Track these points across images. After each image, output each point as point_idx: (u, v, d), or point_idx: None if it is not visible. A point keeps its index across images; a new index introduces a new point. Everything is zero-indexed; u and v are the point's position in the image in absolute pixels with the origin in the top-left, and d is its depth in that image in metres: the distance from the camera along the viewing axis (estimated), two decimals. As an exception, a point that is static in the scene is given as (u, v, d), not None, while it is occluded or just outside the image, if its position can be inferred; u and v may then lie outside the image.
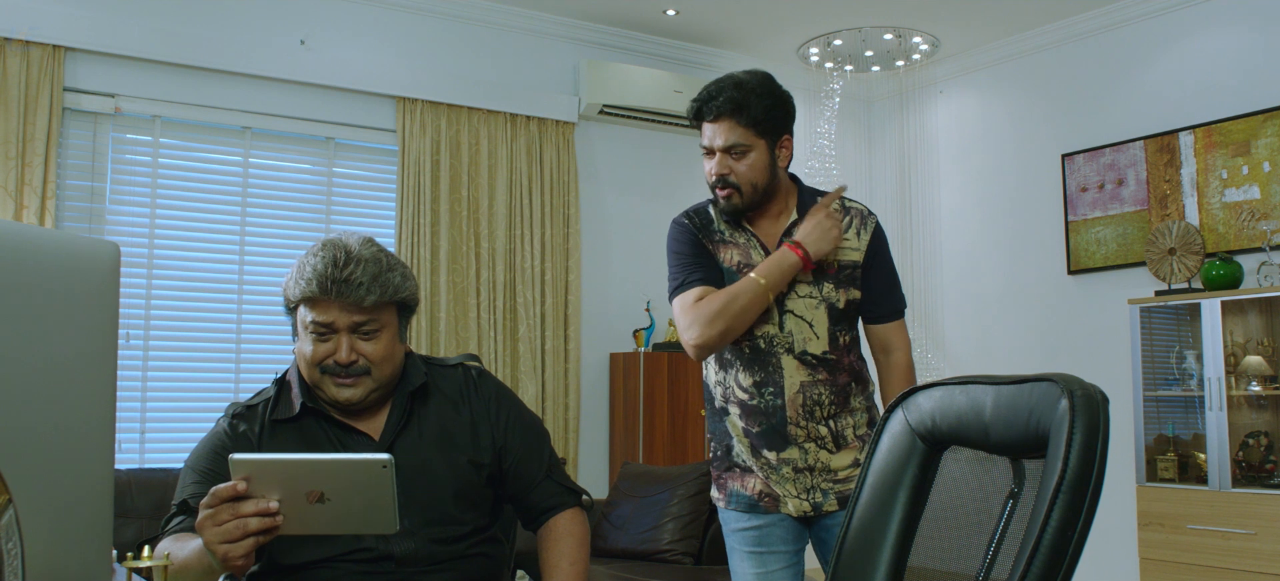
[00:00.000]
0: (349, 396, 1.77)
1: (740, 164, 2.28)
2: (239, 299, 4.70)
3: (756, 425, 2.32)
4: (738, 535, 2.37)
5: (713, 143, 2.30)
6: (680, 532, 4.41)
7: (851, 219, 2.37)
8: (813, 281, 2.31)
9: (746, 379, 2.32)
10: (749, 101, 2.26)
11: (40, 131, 4.16)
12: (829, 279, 2.32)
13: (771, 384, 2.30)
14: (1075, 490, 1.07)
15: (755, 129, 2.27)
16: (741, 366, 2.34)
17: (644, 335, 5.48)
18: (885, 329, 2.39)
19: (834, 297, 2.32)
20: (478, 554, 1.83)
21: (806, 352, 2.30)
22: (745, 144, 2.27)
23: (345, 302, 1.73)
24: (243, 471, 1.42)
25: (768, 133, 2.29)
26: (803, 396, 2.29)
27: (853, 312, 2.37)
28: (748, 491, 2.35)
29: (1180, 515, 4.52)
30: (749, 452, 2.34)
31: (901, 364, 2.39)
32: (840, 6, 5.32)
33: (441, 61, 5.20)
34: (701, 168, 2.42)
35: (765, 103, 2.27)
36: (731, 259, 2.35)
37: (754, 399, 2.32)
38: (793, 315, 2.31)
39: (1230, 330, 4.53)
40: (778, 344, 2.30)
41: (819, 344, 2.30)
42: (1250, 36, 4.83)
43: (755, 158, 2.29)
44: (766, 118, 2.27)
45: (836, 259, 2.33)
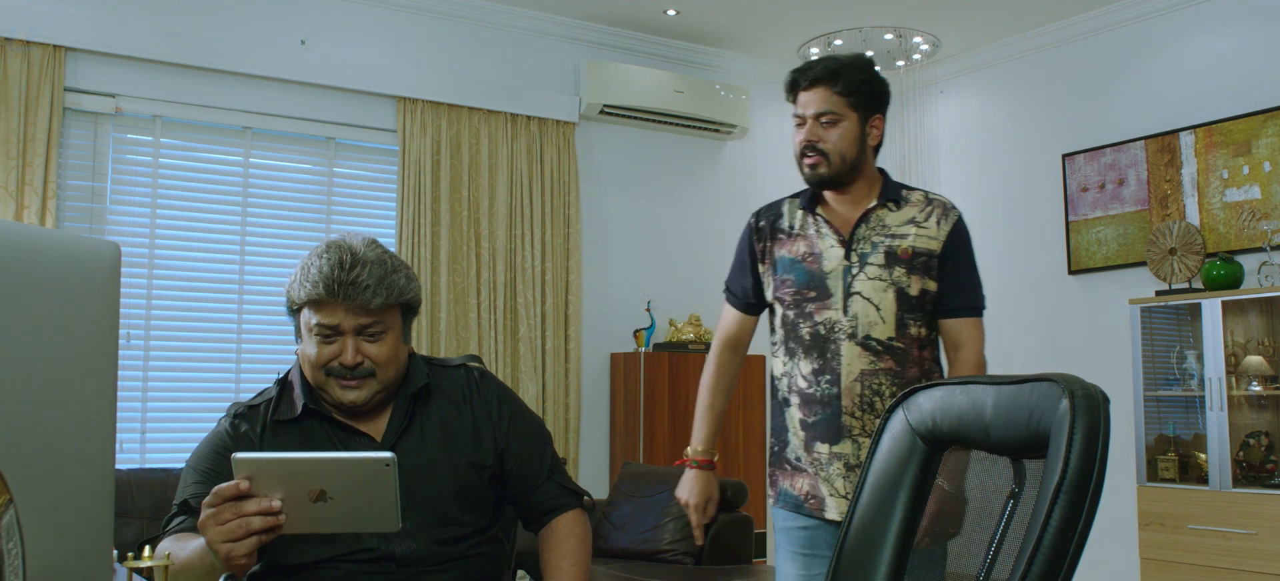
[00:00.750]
0: (353, 398, 1.77)
1: (831, 132, 2.32)
2: (239, 299, 4.70)
3: (813, 415, 2.31)
4: (786, 534, 2.36)
5: (806, 110, 2.34)
6: (681, 533, 4.41)
7: (933, 208, 2.36)
8: (884, 263, 2.30)
9: (806, 366, 2.33)
10: (845, 71, 2.32)
11: (41, 131, 4.17)
12: (901, 263, 2.30)
13: (829, 371, 2.29)
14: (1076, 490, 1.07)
15: (848, 99, 2.32)
16: (802, 353, 2.34)
17: (644, 335, 5.48)
18: (956, 324, 2.34)
19: (905, 283, 2.29)
20: (479, 554, 1.83)
21: (871, 338, 2.28)
22: (837, 112, 2.32)
23: (351, 305, 1.73)
24: (245, 470, 1.42)
25: (860, 106, 2.33)
26: (861, 385, 2.27)
27: (927, 304, 2.33)
28: (795, 491, 2.34)
29: (1181, 515, 4.52)
30: (803, 447, 2.33)
31: (968, 361, 2.33)
32: (840, 6, 5.32)
33: (442, 61, 5.20)
34: (702, 168, 2.45)
35: (861, 76, 2.33)
36: (796, 250, 2.38)
37: (812, 387, 2.31)
38: (860, 297, 2.30)
39: (1231, 330, 4.52)
40: (839, 330, 2.29)
41: (885, 328, 2.28)
42: (1250, 36, 4.83)
43: (846, 128, 2.33)
44: (860, 89, 2.32)
45: (912, 245, 2.31)
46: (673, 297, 5.74)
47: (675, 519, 4.44)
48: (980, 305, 2.38)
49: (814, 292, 2.33)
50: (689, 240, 5.88)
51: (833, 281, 2.32)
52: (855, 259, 2.32)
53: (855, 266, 2.31)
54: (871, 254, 2.31)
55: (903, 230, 2.33)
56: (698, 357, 5.48)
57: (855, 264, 2.31)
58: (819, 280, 2.33)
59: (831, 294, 2.31)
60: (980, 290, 2.39)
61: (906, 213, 2.36)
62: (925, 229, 2.33)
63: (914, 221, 2.34)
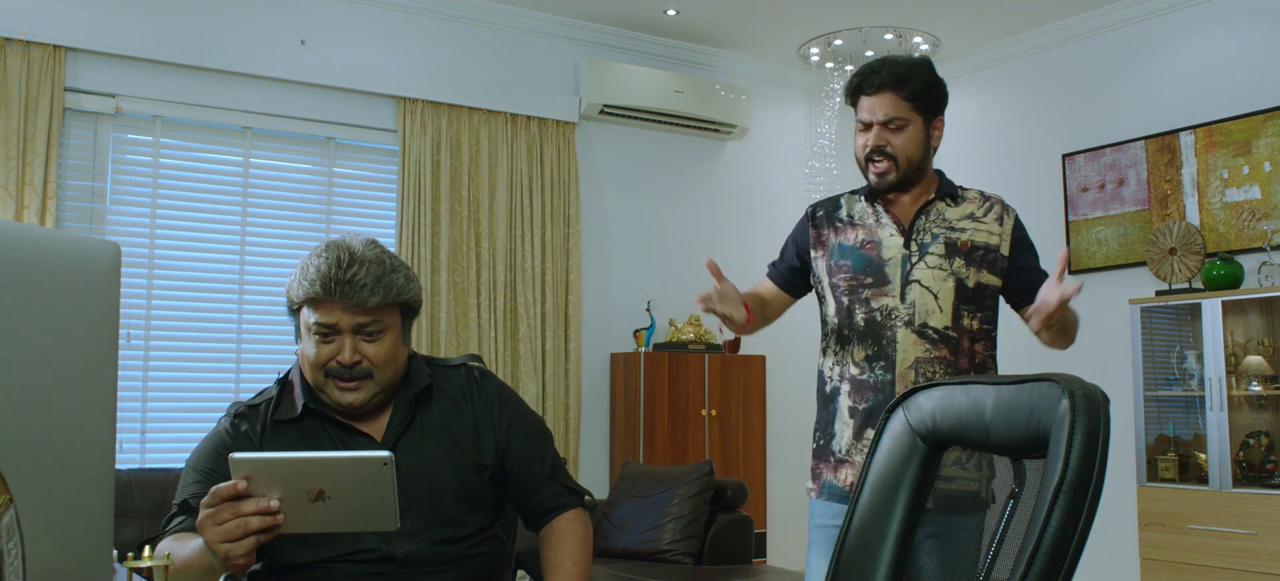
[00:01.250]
0: (351, 400, 1.77)
1: (898, 137, 2.34)
2: (240, 299, 4.70)
3: (864, 401, 2.31)
4: (823, 531, 2.36)
5: (872, 116, 2.36)
6: (681, 533, 4.41)
7: (991, 205, 2.40)
8: (944, 254, 2.32)
9: (860, 352, 2.33)
10: (911, 77, 2.34)
11: (41, 131, 4.17)
12: (961, 255, 2.32)
13: (883, 358, 2.30)
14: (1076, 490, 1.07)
15: (914, 104, 2.34)
16: (856, 340, 2.34)
17: (644, 335, 5.48)
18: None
19: (964, 274, 2.32)
20: (479, 553, 1.83)
21: (928, 326, 2.30)
22: (904, 117, 2.34)
23: (349, 303, 1.73)
24: (243, 470, 1.42)
25: (925, 110, 2.36)
26: (915, 373, 2.28)
27: (984, 297, 2.35)
28: (840, 482, 2.33)
29: (1181, 515, 4.51)
30: (852, 436, 2.32)
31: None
32: (840, 6, 5.32)
33: (442, 61, 5.20)
34: (702, 167, 2.47)
35: (926, 80, 2.36)
36: (855, 238, 2.39)
37: (864, 373, 2.32)
38: (918, 285, 2.31)
39: (1231, 330, 4.52)
40: (896, 317, 2.30)
41: (942, 317, 2.30)
42: (1250, 36, 4.83)
43: (912, 132, 2.35)
44: (926, 94, 2.35)
45: (970, 239, 2.33)
46: (673, 297, 5.74)
47: (675, 519, 4.44)
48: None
49: (871, 279, 2.34)
50: (689, 240, 5.88)
51: (891, 268, 2.33)
52: (915, 248, 2.34)
53: (914, 255, 2.33)
54: (932, 244, 2.33)
55: (962, 224, 2.36)
56: (697, 357, 5.48)
57: (914, 253, 2.33)
58: (877, 267, 2.35)
59: (889, 280, 2.33)
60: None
61: (965, 208, 2.39)
62: (985, 224, 2.36)
63: (973, 217, 2.38)
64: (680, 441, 5.37)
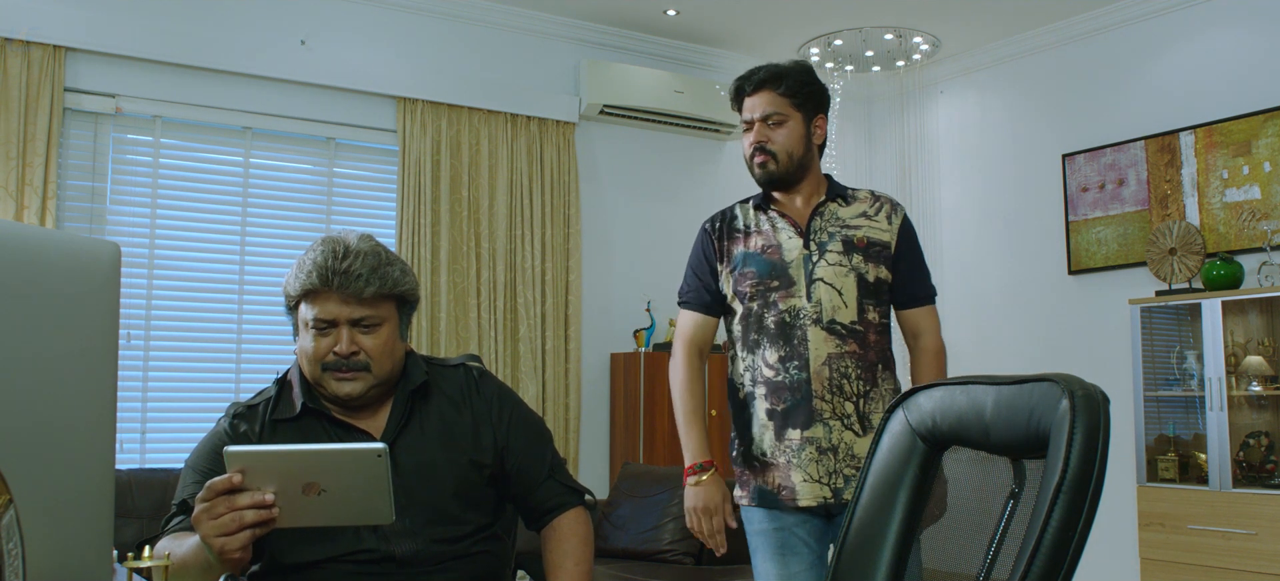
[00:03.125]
0: (349, 391, 1.77)
1: (777, 133, 2.44)
2: (240, 299, 4.70)
3: (781, 403, 2.36)
4: (761, 536, 2.39)
5: (753, 114, 2.47)
6: (681, 532, 4.41)
7: (881, 204, 2.49)
8: (843, 251, 2.39)
9: (772, 355, 2.38)
10: (786, 75, 2.45)
11: (41, 131, 4.17)
12: (858, 251, 2.40)
13: (796, 357, 2.35)
14: (1076, 490, 1.07)
15: (791, 100, 2.44)
16: (767, 343, 2.39)
17: (644, 335, 5.48)
18: (915, 313, 2.48)
19: (863, 269, 2.40)
20: (479, 552, 1.83)
21: (836, 322, 2.36)
22: (782, 113, 2.44)
23: (345, 295, 1.74)
24: (238, 464, 1.42)
25: (804, 107, 2.45)
26: (829, 369, 2.34)
27: (882, 291, 2.43)
28: (769, 486, 2.37)
29: (1181, 515, 4.51)
30: (773, 437, 2.36)
31: (930, 347, 2.46)
32: (840, 6, 5.32)
33: (442, 61, 5.20)
34: (702, 168, 2.52)
35: (801, 78, 2.46)
36: (756, 244, 2.46)
37: (779, 374, 2.37)
38: (822, 282, 2.38)
39: (1231, 330, 4.52)
40: (804, 316, 2.36)
41: (848, 312, 2.37)
42: (1250, 36, 4.83)
43: (792, 128, 2.44)
44: (801, 91, 2.45)
45: (866, 235, 2.42)
46: (673, 298, 5.67)
47: (675, 519, 4.44)
48: (933, 293, 2.52)
49: (777, 282, 2.41)
50: (689, 240, 5.83)
51: (795, 270, 2.40)
52: (814, 248, 2.41)
53: (815, 254, 2.40)
54: (830, 242, 2.41)
55: (856, 222, 2.45)
56: (698, 358, 5.47)
57: (815, 252, 2.41)
58: (781, 269, 2.41)
59: (794, 281, 2.39)
60: (930, 280, 2.53)
61: (856, 207, 2.48)
62: (877, 222, 2.45)
63: (865, 214, 2.47)
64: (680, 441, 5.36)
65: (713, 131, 5.91)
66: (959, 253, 6.05)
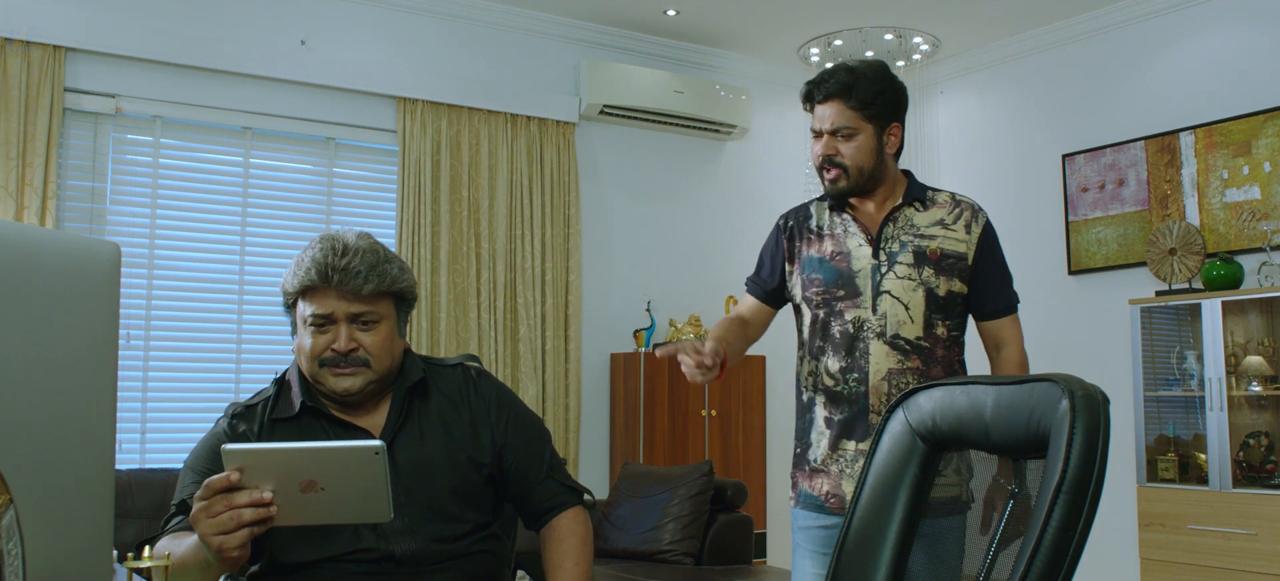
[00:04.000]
0: (347, 386, 1.77)
1: (847, 146, 2.33)
2: (239, 299, 4.70)
3: (840, 412, 2.33)
4: (805, 532, 2.37)
5: (821, 125, 2.36)
6: (681, 533, 4.41)
7: (961, 211, 2.38)
8: (913, 263, 2.31)
9: (834, 364, 2.34)
10: (858, 84, 2.32)
11: (41, 132, 4.17)
12: (930, 263, 2.32)
13: (856, 369, 2.31)
14: (1076, 490, 1.07)
15: (863, 112, 2.32)
16: (831, 351, 2.35)
17: (644, 335, 5.48)
18: (997, 324, 2.39)
19: (934, 284, 2.31)
20: (479, 552, 1.83)
21: (899, 337, 2.30)
22: (852, 126, 2.33)
23: (343, 291, 1.75)
24: (235, 462, 1.42)
25: (876, 117, 2.34)
26: (888, 384, 2.28)
27: (954, 305, 2.34)
28: (816, 492, 2.35)
29: (1181, 515, 4.51)
30: (829, 446, 2.33)
31: (1013, 358, 2.37)
32: (840, 6, 5.32)
33: (442, 61, 5.20)
34: (702, 168, 2.48)
35: (876, 87, 2.33)
36: (824, 250, 2.39)
37: (839, 385, 2.33)
38: (889, 296, 2.31)
39: (1231, 330, 4.52)
40: (867, 329, 2.31)
41: (913, 328, 2.30)
42: (1250, 36, 4.83)
43: (862, 141, 2.33)
44: (875, 101, 2.33)
45: (940, 246, 2.33)
46: (673, 298, 5.74)
47: (675, 519, 4.44)
48: (1016, 302, 2.42)
49: (842, 291, 2.34)
50: (689, 240, 5.88)
51: (862, 280, 2.33)
52: (883, 258, 2.33)
53: (883, 265, 2.33)
54: (900, 253, 2.33)
55: (931, 231, 2.35)
56: (698, 358, 5.47)
57: (884, 263, 2.33)
58: (848, 278, 2.34)
59: (861, 292, 2.32)
60: (1013, 288, 2.43)
61: (934, 213, 2.37)
62: (954, 232, 2.35)
63: (942, 223, 2.36)
64: (680, 441, 5.37)
65: (713, 131, 5.91)
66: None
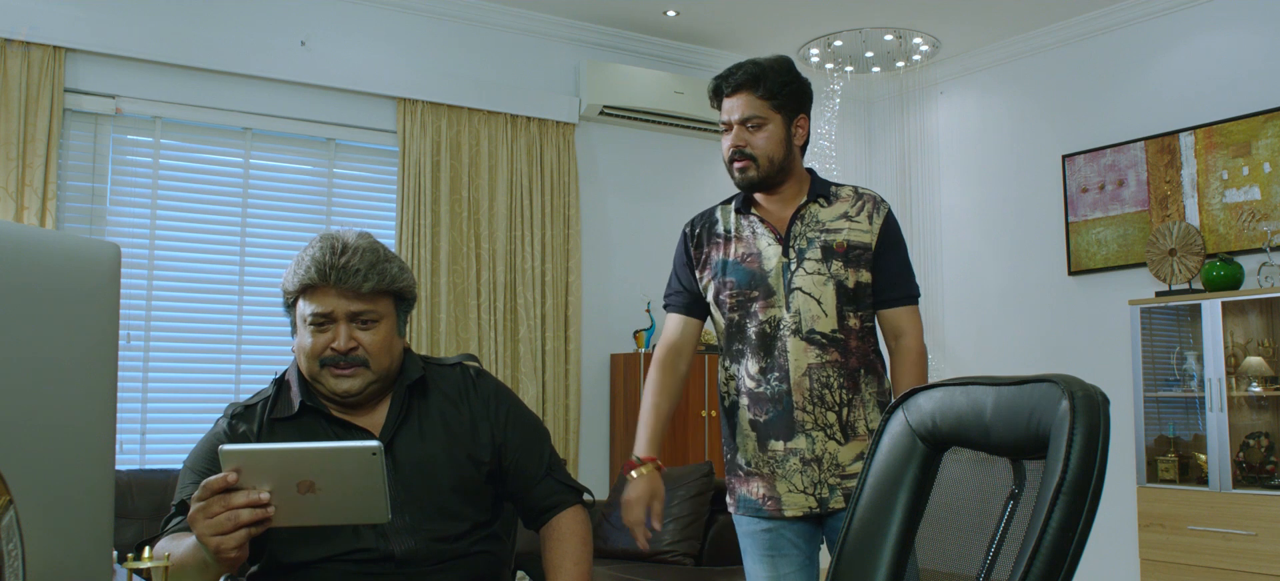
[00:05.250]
0: (347, 387, 1.77)
1: (757, 136, 2.36)
2: (240, 300, 4.70)
3: (764, 413, 2.33)
4: (750, 537, 2.38)
5: (730, 116, 2.39)
6: (681, 533, 4.41)
7: (863, 202, 2.41)
8: (821, 258, 2.33)
9: (754, 365, 2.35)
10: (766, 76, 2.36)
11: (41, 132, 4.17)
12: (837, 257, 2.34)
13: (776, 368, 2.32)
14: (1076, 491, 1.07)
15: (771, 102, 2.36)
16: (749, 353, 2.36)
17: (644, 336, 5.48)
18: (896, 313, 2.40)
19: (843, 276, 2.33)
20: (478, 552, 1.83)
21: (815, 331, 2.31)
22: (761, 116, 2.36)
23: (343, 290, 1.75)
24: (233, 462, 1.42)
25: (783, 108, 2.37)
26: (810, 380, 2.30)
27: (863, 295, 2.37)
28: (752, 496, 2.36)
29: (1181, 516, 4.51)
30: (757, 447, 2.34)
31: (911, 348, 2.39)
32: (840, 7, 5.32)
33: (442, 62, 5.20)
34: (702, 168, 2.48)
35: (782, 78, 2.37)
36: (735, 252, 2.40)
37: (761, 385, 2.33)
38: (800, 292, 2.33)
39: (1231, 331, 4.52)
40: (783, 327, 2.32)
41: (827, 322, 2.32)
42: (1250, 36, 4.83)
43: (771, 130, 2.36)
44: (782, 92, 2.36)
45: (846, 239, 2.35)
46: (673, 298, 5.73)
47: (675, 519, 4.44)
48: (916, 293, 2.45)
49: (756, 292, 2.36)
50: (689, 241, 5.88)
51: (774, 279, 2.35)
52: (793, 255, 2.36)
53: (794, 262, 2.35)
54: (808, 250, 2.35)
55: (836, 225, 2.38)
56: (697, 358, 5.47)
57: (794, 260, 2.35)
58: (760, 279, 2.36)
59: (774, 291, 2.34)
60: (914, 279, 2.45)
61: (838, 208, 2.40)
62: (857, 223, 2.38)
63: (846, 216, 2.39)
64: (680, 442, 5.37)
65: (713, 132, 5.90)
66: (959, 253, 6.04)
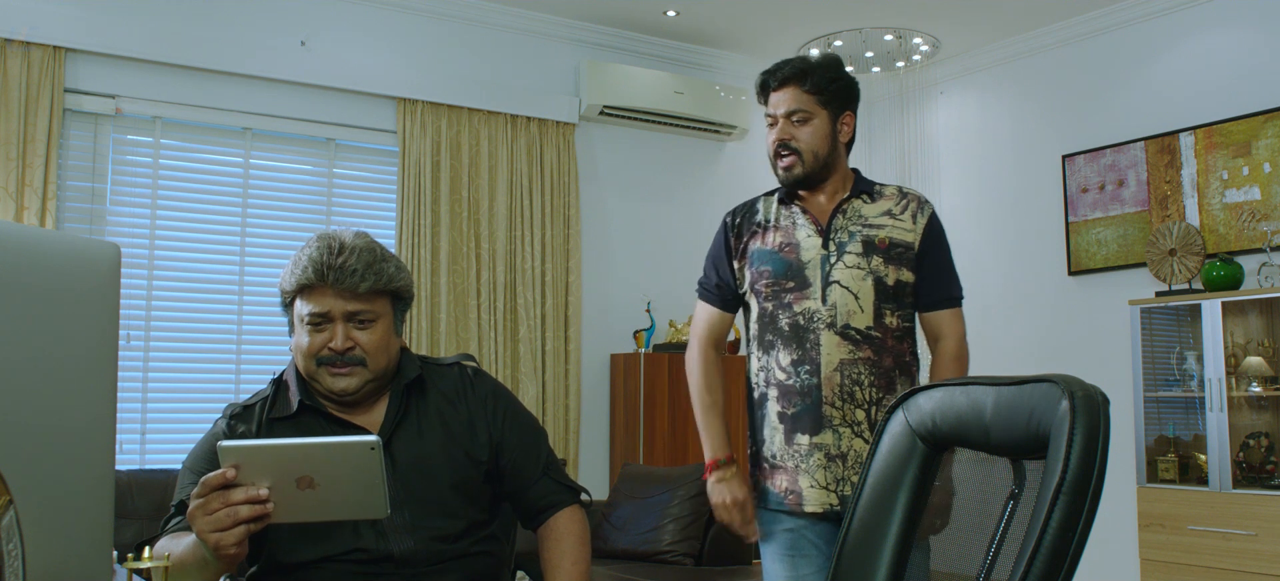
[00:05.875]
0: (344, 386, 1.77)
1: (802, 131, 2.35)
2: (239, 300, 4.70)
3: (792, 407, 2.31)
4: (770, 535, 2.36)
5: (777, 110, 2.38)
6: (681, 533, 4.41)
7: (908, 202, 2.40)
8: (862, 252, 2.32)
9: (785, 357, 2.33)
10: (813, 71, 2.36)
11: (41, 132, 4.17)
12: (879, 252, 2.33)
13: (808, 362, 2.29)
14: (1076, 491, 1.07)
15: (818, 97, 2.35)
16: (781, 345, 2.34)
17: (644, 336, 5.48)
18: (937, 316, 2.40)
19: (883, 272, 2.32)
20: (478, 552, 1.83)
21: (850, 327, 2.29)
22: (807, 111, 2.35)
23: (340, 290, 1.75)
24: (232, 459, 1.42)
25: (830, 104, 2.37)
26: (841, 375, 2.28)
27: (903, 295, 2.35)
28: (776, 490, 2.34)
29: (1181, 516, 4.51)
30: (783, 441, 2.32)
31: (950, 351, 2.37)
32: (840, 7, 5.32)
33: (442, 62, 5.20)
34: (702, 168, 2.48)
35: (829, 74, 2.37)
36: (773, 242, 2.38)
37: (791, 378, 2.31)
38: (838, 285, 2.31)
39: (1231, 331, 4.52)
40: (818, 319, 2.30)
41: (863, 318, 2.30)
42: (1250, 36, 4.83)
43: (817, 126, 2.36)
44: (829, 88, 2.36)
45: (888, 235, 2.34)
46: (673, 298, 5.73)
47: (675, 519, 4.44)
48: (959, 296, 2.44)
49: (792, 283, 2.34)
50: (689, 241, 5.88)
51: (811, 271, 2.33)
52: (833, 248, 2.34)
53: (833, 255, 2.33)
54: (849, 243, 2.33)
55: (879, 221, 2.37)
56: (698, 358, 5.47)
57: (833, 253, 2.33)
58: (797, 270, 2.34)
59: (810, 283, 2.32)
60: (958, 281, 2.45)
61: (882, 205, 2.39)
62: (901, 222, 2.37)
63: (890, 213, 2.38)
64: (680, 442, 5.37)
65: (713, 132, 5.91)
66: (959, 253, 5.96)
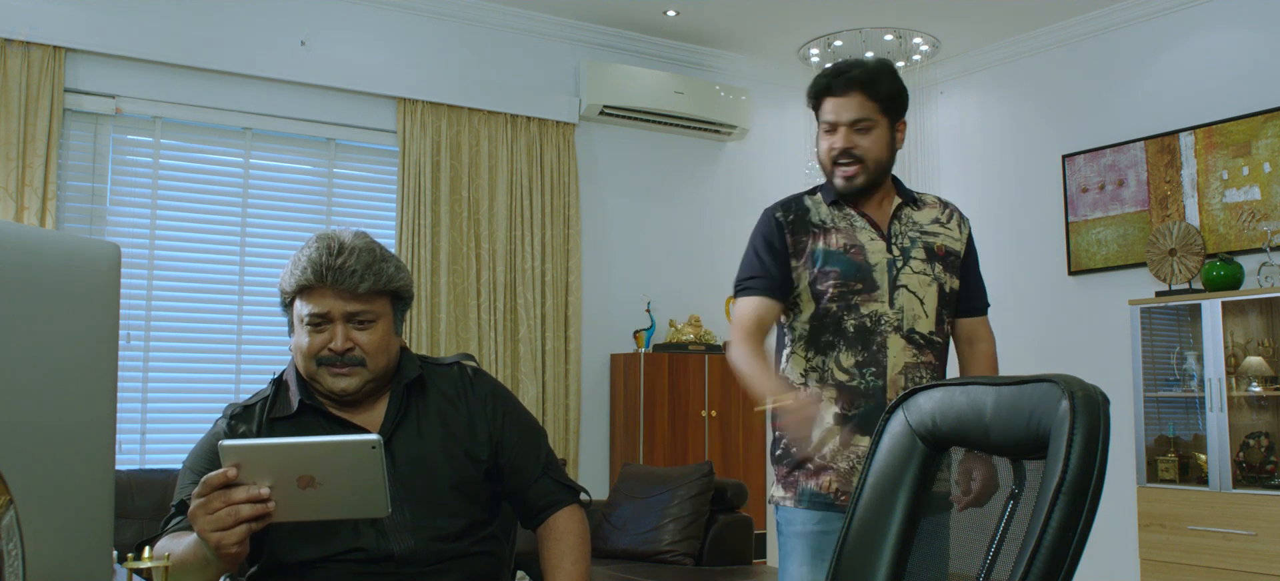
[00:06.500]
0: (344, 386, 1.78)
1: (865, 139, 2.31)
2: (239, 300, 4.70)
3: (855, 408, 2.26)
4: (803, 538, 2.28)
5: (839, 117, 2.31)
6: (681, 533, 4.41)
7: (951, 212, 2.43)
8: (926, 259, 2.33)
9: (848, 359, 2.29)
10: (879, 78, 2.31)
11: (41, 132, 4.17)
12: (939, 260, 2.34)
13: (873, 364, 2.27)
14: (1076, 491, 1.07)
15: (881, 105, 2.31)
16: (844, 346, 2.29)
17: (644, 336, 5.48)
18: (974, 322, 2.44)
19: (944, 279, 2.34)
20: (478, 552, 1.83)
21: (915, 331, 2.29)
22: (871, 118, 2.30)
23: (340, 290, 1.75)
24: (233, 458, 1.41)
25: (889, 111, 2.33)
26: (905, 379, 2.27)
27: (953, 301, 2.38)
28: (823, 490, 2.27)
29: (1181, 516, 4.51)
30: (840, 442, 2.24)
31: (988, 354, 2.43)
32: (840, 7, 5.32)
33: (442, 62, 5.20)
34: (702, 168, 2.46)
35: (894, 83, 2.33)
36: (836, 243, 2.32)
37: (854, 380, 2.27)
38: (906, 290, 2.30)
39: (1231, 331, 4.52)
40: (885, 323, 2.28)
41: (927, 323, 2.31)
42: (1250, 36, 4.83)
43: (878, 134, 2.32)
44: (892, 97, 2.33)
45: (944, 244, 2.37)
46: (673, 298, 5.74)
47: (675, 519, 4.44)
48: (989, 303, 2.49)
49: (860, 285, 2.30)
50: (689, 241, 5.88)
51: (879, 274, 2.31)
52: (898, 253, 2.33)
53: (899, 260, 2.32)
54: (912, 249, 2.33)
55: (932, 229, 2.38)
56: (697, 358, 5.47)
57: (898, 258, 2.33)
58: (865, 272, 2.30)
59: (878, 286, 2.30)
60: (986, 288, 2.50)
61: (928, 212, 2.41)
62: (950, 230, 2.40)
63: (938, 221, 2.40)
64: (680, 442, 5.37)
65: (713, 132, 5.91)
66: (959, 253, 6.04)
